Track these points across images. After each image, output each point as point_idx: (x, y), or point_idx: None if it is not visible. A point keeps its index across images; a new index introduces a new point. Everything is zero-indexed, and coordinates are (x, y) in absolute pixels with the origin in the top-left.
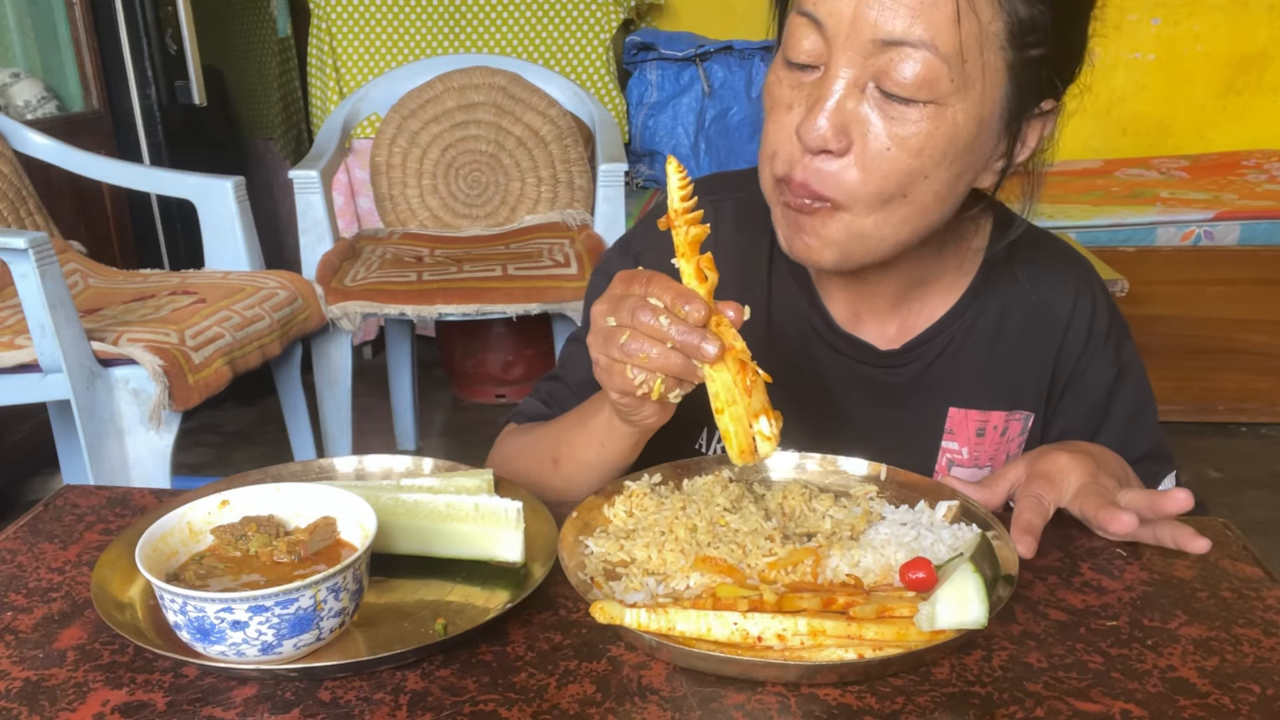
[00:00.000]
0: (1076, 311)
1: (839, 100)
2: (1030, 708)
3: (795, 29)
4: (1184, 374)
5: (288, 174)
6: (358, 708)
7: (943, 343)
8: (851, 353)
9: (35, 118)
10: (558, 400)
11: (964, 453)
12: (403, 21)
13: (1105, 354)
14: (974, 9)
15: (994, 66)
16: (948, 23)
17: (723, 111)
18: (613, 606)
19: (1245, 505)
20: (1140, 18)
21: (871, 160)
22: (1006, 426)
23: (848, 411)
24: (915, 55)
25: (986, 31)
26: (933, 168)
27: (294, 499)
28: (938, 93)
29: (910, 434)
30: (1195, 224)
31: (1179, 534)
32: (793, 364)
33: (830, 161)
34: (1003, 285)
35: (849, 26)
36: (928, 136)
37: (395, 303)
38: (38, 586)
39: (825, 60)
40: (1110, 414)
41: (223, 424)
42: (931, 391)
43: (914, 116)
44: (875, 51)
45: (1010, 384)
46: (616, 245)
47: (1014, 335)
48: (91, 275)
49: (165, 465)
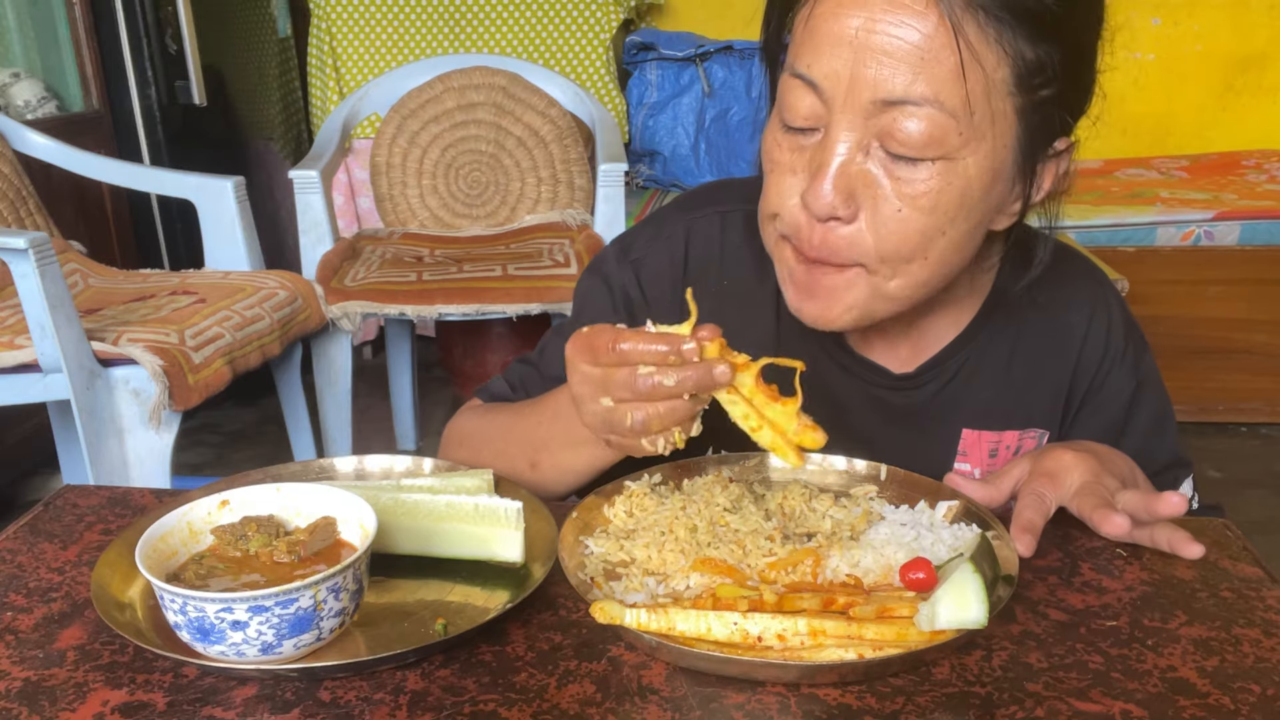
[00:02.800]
0: (1092, 328)
1: (843, 164)
2: (1030, 708)
3: (790, 91)
4: (1184, 374)
5: (288, 174)
6: (358, 708)
7: (956, 364)
8: (863, 374)
9: (35, 118)
10: (527, 387)
11: (976, 474)
12: (403, 21)
13: (1123, 369)
14: (978, 59)
15: (1003, 113)
16: (951, 76)
17: (723, 111)
18: (613, 606)
19: (1245, 505)
20: (1140, 18)
21: (884, 223)
22: (1020, 445)
23: (859, 433)
24: (919, 113)
25: (992, 80)
26: (948, 223)
27: (294, 499)
28: (946, 148)
29: (922, 456)
30: (1195, 224)
31: (1175, 537)
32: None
33: (841, 227)
34: (1015, 306)
35: (846, 88)
36: (940, 194)
37: (395, 303)
38: (38, 586)
39: (825, 122)
40: (1129, 428)
41: (223, 424)
42: (945, 414)
43: (923, 175)
44: (876, 112)
45: (1024, 403)
46: (613, 247)
47: (1028, 354)
48: (91, 275)
49: (165, 465)
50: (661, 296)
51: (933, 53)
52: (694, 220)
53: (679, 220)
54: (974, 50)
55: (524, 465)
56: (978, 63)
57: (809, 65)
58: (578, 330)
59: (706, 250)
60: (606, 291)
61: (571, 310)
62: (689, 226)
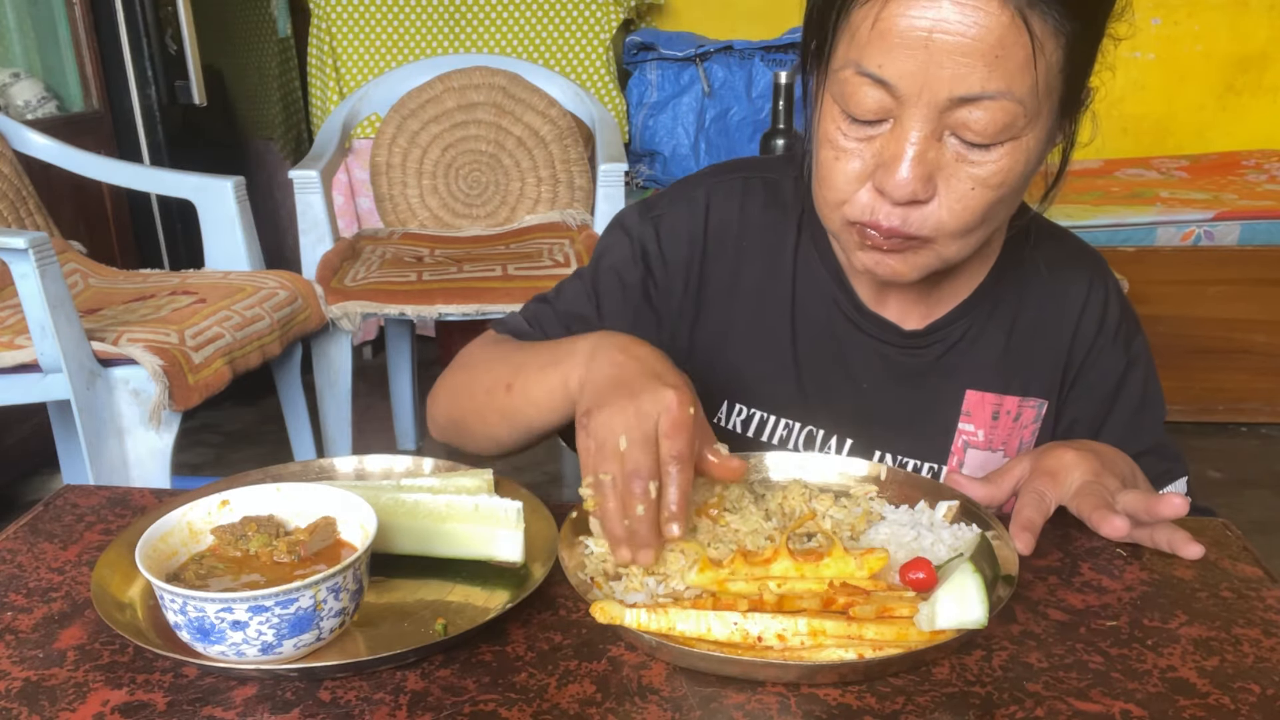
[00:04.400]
0: (1090, 302)
1: (918, 153)
2: (1030, 708)
3: (858, 88)
4: (1184, 374)
5: (288, 174)
6: (358, 708)
7: (964, 326)
8: (875, 332)
9: (35, 118)
10: (541, 323)
11: (980, 435)
12: (403, 21)
13: (1116, 346)
14: (1043, 50)
15: (1054, 87)
16: (1021, 68)
17: (723, 111)
18: (613, 606)
19: (1245, 505)
20: (1140, 18)
21: (957, 201)
22: (1020, 412)
23: (868, 390)
24: (994, 106)
25: (1050, 63)
26: (1010, 194)
27: (294, 499)
28: (1014, 131)
29: (928, 415)
30: (1195, 224)
31: (1175, 538)
32: (816, 341)
33: (916, 208)
34: (1023, 272)
35: (920, 87)
36: (1008, 172)
37: (395, 303)
38: (38, 586)
39: (894, 114)
40: (1117, 405)
41: (223, 424)
42: (950, 374)
43: (994, 157)
44: (952, 107)
45: (1025, 370)
46: (637, 204)
47: (1030, 322)
48: (91, 275)
49: (165, 465)
50: (678, 253)
51: (1005, 48)
52: (716, 183)
53: (701, 183)
54: (1038, 40)
55: (502, 386)
56: (1042, 53)
57: (880, 65)
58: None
59: (727, 213)
60: (627, 242)
61: (591, 258)
62: (710, 189)
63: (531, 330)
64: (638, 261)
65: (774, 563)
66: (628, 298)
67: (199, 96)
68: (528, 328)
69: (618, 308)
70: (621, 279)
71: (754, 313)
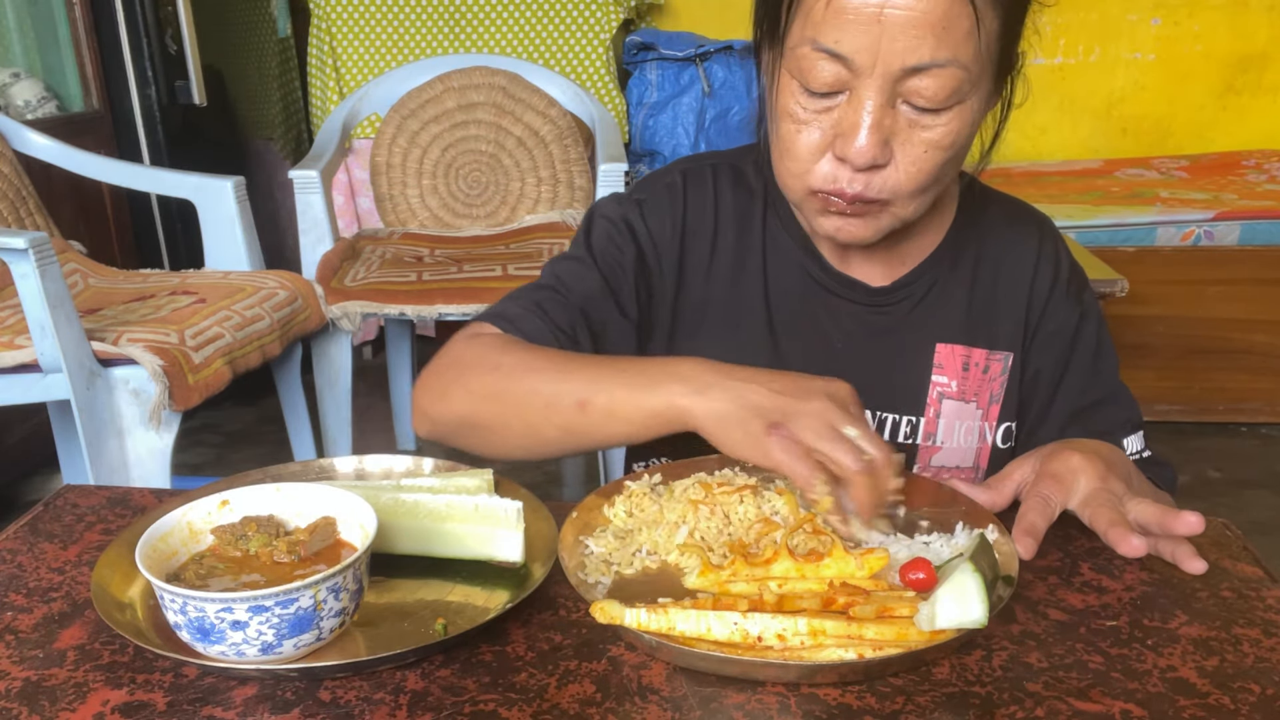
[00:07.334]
0: (1042, 256)
1: (875, 121)
2: (1030, 708)
3: (814, 62)
4: (1184, 374)
5: (288, 174)
6: (358, 708)
7: (929, 281)
8: (844, 292)
9: (35, 118)
10: (552, 313)
11: (953, 385)
12: (403, 21)
13: (1069, 299)
14: (983, 21)
15: (993, 53)
16: (966, 38)
17: (723, 111)
18: (613, 606)
19: (1245, 505)
20: (1140, 18)
21: (912, 164)
22: (988, 365)
23: (843, 351)
24: (942, 74)
25: (989, 29)
26: (958, 154)
27: (294, 499)
28: (961, 95)
29: (902, 369)
30: (1195, 224)
31: (1179, 551)
32: (790, 308)
33: (876, 173)
34: (979, 230)
35: (875, 59)
36: (957, 134)
37: (395, 303)
38: (38, 586)
39: (850, 86)
40: (1074, 355)
41: (223, 424)
42: (920, 329)
43: (943, 120)
44: (904, 77)
45: (990, 323)
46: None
47: (990, 277)
48: (91, 275)
49: (165, 465)
50: (664, 233)
51: (950, 20)
52: (688, 169)
53: (674, 169)
54: (980, 11)
55: (571, 403)
56: (983, 22)
57: (837, 41)
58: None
59: (701, 196)
60: (612, 224)
61: (573, 245)
62: (684, 172)
63: (543, 322)
64: (629, 240)
65: (774, 563)
66: (627, 274)
67: (199, 96)
68: (542, 323)
69: (625, 283)
70: (619, 256)
71: (730, 286)
